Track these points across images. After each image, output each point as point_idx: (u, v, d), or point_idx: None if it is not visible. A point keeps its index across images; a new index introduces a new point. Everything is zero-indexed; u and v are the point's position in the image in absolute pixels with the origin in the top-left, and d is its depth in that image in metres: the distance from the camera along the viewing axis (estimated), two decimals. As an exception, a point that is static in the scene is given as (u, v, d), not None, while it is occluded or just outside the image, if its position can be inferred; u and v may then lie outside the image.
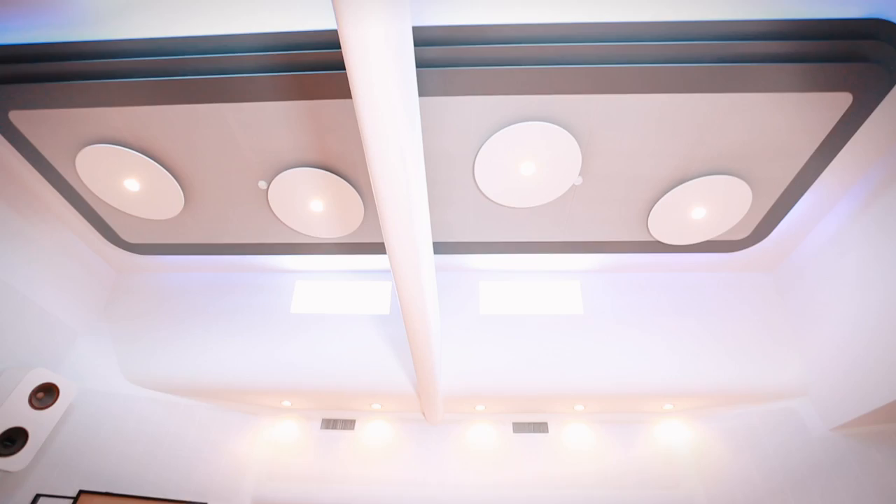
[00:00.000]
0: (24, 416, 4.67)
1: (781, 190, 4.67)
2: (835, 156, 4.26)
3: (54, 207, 5.31)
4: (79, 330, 5.90)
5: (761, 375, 5.44)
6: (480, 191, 4.81)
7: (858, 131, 4.00)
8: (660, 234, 5.25)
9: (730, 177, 4.48)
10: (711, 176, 4.49)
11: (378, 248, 5.75)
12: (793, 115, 3.89)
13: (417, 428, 6.41)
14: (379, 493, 5.86)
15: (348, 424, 6.48)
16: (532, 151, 4.30)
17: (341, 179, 4.72)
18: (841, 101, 3.75)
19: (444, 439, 6.28)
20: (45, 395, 4.89)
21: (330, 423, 6.51)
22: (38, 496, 4.82)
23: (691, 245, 5.44)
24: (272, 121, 4.16)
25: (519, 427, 6.34)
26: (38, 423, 4.76)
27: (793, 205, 4.83)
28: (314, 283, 6.32)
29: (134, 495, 5.19)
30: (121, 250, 5.94)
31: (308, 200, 5.00)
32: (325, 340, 5.87)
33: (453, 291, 6.08)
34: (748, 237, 5.32)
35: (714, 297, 5.85)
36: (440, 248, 5.71)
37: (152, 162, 4.57)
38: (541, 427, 6.32)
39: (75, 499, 4.90)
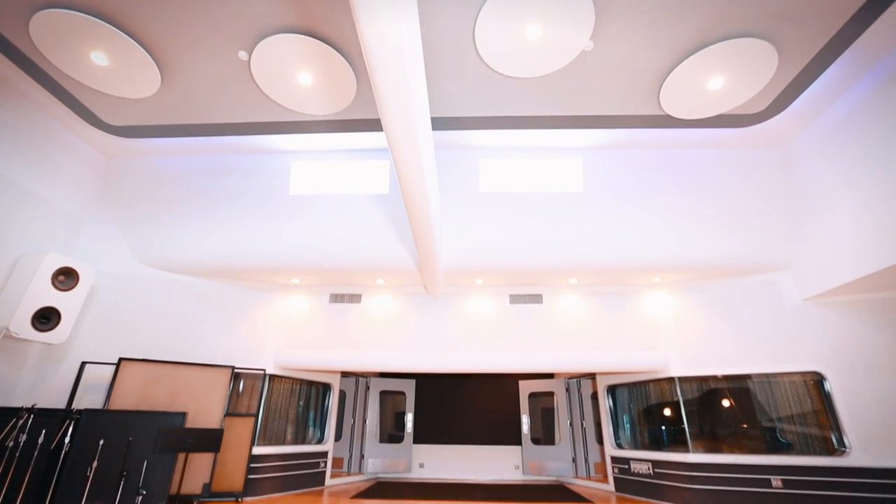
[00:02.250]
0: (51, 297, 4.98)
1: (810, 57, 4.28)
2: (876, 18, 3.80)
3: (22, 88, 4.91)
4: (82, 217, 5.95)
5: (751, 251, 5.65)
6: (482, 59, 4.40)
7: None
8: (671, 107, 4.96)
9: (757, 40, 4.06)
10: (737, 39, 4.07)
11: (374, 124, 5.49)
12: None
13: (420, 300, 6.88)
14: (386, 356, 6.54)
15: (354, 298, 6.95)
16: (540, 10, 3.82)
17: (329, 48, 4.28)
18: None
19: (444, 310, 6.79)
20: (66, 277, 5.14)
21: (337, 298, 6.97)
22: (83, 363, 5.39)
23: (703, 119, 5.19)
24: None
25: (515, 298, 6.80)
26: (66, 302, 5.09)
27: (817, 75, 4.47)
28: (311, 164, 6.18)
29: (168, 360, 5.79)
30: (106, 134, 5.67)
31: (295, 73, 4.61)
32: (326, 221, 5.96)
33: (453, 169, 5.98)
34: (764, 111, 5.04)
35: (715, 175, 5.78)
36: (439, 123, 5.45)
37: (114, 29, 4.09)
38: (536, 298, 6.78)
39: (117, 365, 5.48)
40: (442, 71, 4.59)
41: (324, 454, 6.95)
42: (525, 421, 8.26)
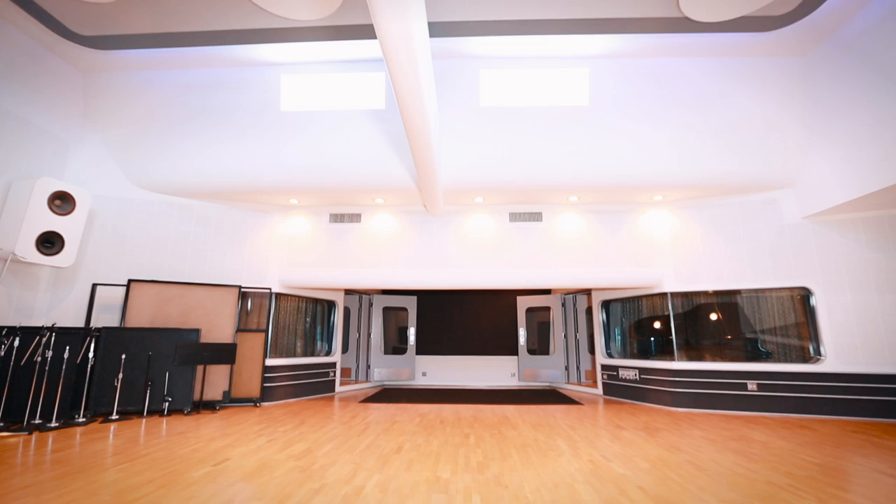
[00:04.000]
0: (51, 221, 4.98)
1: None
2: None
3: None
4: (67, 138, 5.71)
5: (757, 167, 5.55)
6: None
7: None
8: (691, 8, 4.54)
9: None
10: (773, -76, 3.60)
11: (367, 31, 5.06)
12: None
13: (420, 219, 6.90)
14: (387, 274, 6.71)
15: (354, 218, 6.96)
16: None
17: (311, -61, 3.80)
18: None
19: (444, 228, 6.83)
20: (62, 202, 5.08)
21: (337, 217, 6.98)
22: (95, 285, 5.55)
23: (724, 23, 4.77)
24: None
25: (515, 217, 6.82)
26: (67, 227, 5.10)
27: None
28: (301, 77, 5.81)
29: (177, 281, 5.96)
30: (77, 46, 5.23)
31: (275, -29, 4.14)
32: (322, 139, 5.76)
33: (452, 82, 5.64)
34: (791, 12, 4.62)
35: (728, 86, 5.45)
36: (437, 29, 5.02)
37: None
38: (535, 216, 6.80)
39: (127, 286, 5.64)
40: (439, -33, 4.12)
41: (332, 365, 7.44)
42: (522, 333, 8.73)
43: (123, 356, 5.19)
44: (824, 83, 5.02)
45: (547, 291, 9.10)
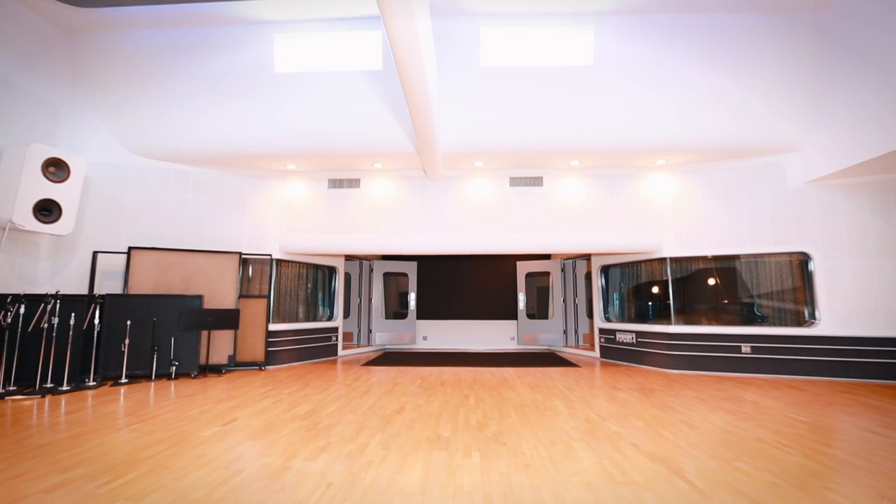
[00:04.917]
0: (47, 189, 4.92)
1: None
2: None
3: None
4: (56, 103, 5.55)
5: (761, 131, 5.43)
6: None
7: None
8: (702, -41, 4.30)
9: None
10: None
11: (360, -14, 4.83)
12: None
13: (419, 184, 6.83)
14: (387, 239, 6.71)
15: (353, 183, 6.89)
16: None
17: None
18: None
19: (444, 193, 6.78)
20: (57, 169, 5.01)
21: (336, 183, 6.90)
22: (95, 253, 5.56)
23: (736, -26, 4.54)
24: None
25: (515, 181, 6.74)
26: (63, 194, 5.05)
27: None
28: (295, 36, 5.57)
29: (177, 248, 5.97)
30: (56, 2, 4.99)
31: (263, -81, 3.90)
32: (318, 102, 5.61)
33: (452, 41, 5.42)
34: (809, -39, 4.38)
35: (737, 45, 5.23)
36: (435, -15, 4.79)
37: None
38: (536, 181, 6.72)
39: (128, 254, 5.65)
40: (437, -86, 3.87)
41: (334, 329, 7.57)
42: (521, 298, 8.83)
43: (129, 322, 5.28)
44: (841, 40, 4.83)
45: (547, 256, 9.13)
